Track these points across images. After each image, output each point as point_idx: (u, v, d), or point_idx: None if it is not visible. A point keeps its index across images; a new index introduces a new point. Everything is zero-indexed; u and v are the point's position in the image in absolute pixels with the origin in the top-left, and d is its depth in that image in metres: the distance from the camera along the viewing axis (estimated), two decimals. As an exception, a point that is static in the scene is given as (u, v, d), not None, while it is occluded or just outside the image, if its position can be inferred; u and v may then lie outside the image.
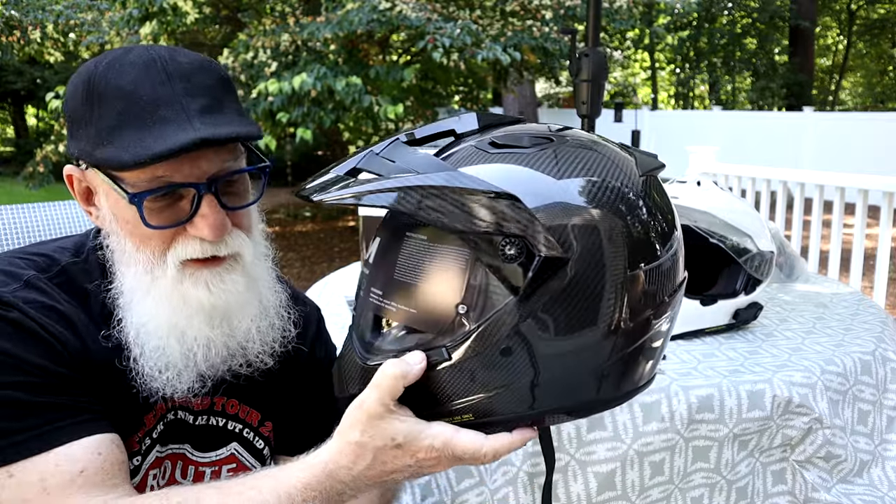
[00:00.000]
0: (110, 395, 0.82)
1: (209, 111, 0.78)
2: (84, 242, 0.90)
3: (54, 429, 0.75)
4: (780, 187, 3.93)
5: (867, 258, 3.75)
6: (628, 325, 0.69)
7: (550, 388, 0.69)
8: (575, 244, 0.65)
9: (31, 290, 0.81)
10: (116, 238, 0.83)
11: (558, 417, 0.73)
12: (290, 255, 7.20)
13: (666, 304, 0.72)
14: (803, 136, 11.51)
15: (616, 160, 0.71)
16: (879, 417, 1.45)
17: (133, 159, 0.73)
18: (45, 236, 1.53)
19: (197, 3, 7.62)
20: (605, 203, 0.67)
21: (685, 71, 20.89)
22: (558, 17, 7.31)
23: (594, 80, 2.39)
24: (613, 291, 0.67)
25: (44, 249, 0.88)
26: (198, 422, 0.92)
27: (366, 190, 0.67)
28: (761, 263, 1.55)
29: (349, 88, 5.81)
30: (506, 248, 0.65)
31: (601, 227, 0.66)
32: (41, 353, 0.77)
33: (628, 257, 0.67)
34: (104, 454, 0.76)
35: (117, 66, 0.77)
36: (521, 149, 0.70)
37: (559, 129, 0.75)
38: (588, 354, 0.69)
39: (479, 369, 0.68)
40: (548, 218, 0.65)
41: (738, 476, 1.29)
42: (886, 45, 20.21)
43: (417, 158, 0.69)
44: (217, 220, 0.79)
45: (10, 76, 15.54)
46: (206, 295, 0.82)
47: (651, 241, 0.70)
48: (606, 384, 0.71)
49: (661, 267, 0.71)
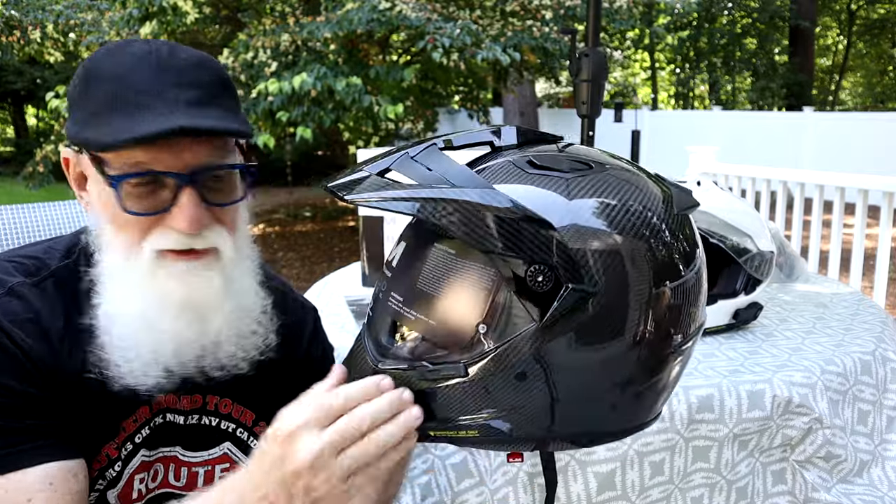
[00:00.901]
0: (84, 404, 0.81)
1: (197, 104, 0.77)
2: (76, 241, 0.89)
3: (9, 454, 0.74)
4: (780, 187, 3.93)
5: (867, 258, 3.75)
6: (647, 360, 0.69)
7: (562, 415, 0.69)
8: (604, 278, 0.64)
9: (12, 298, 0.80)
10: (100, 224, 0.83)
11: (563, 445, 0.72)
12: (290, 255, 7.20)
13: (684, 342, 0.72)
14: (803, 136, 11.51)
15: (654, 196, 0.70)
16: (879, 417, 1.45)
17: (112, 140, 0.74)
18: (44, 236, 1.53)
19: (197, 3, 7.62)
20: (639, 238, 0.66)
21: (685, 71, 20.90)
22: (558, 17, 7.32)
23: (594, 80, 2.39)
24: (635, 327, 0.66)
25: (34, 251, 0.88)
26: (188, 422, 0.92)
27: (398, 196, 0.65)
28: (761, 263, 1.55)
29: (349, 88, 5.81)
30: (536, 275, 0.64)
31: (631, 261, 0.65)
32: (8, 372, 0.76)
33: (652, 284, 0.67)
34: (55, 485, 0.75)
35: (115, 54, 0.79)
36: (560, 172, 0.68)
37: (601, 157, 0.74)
38: (603, 387, 0.68)
39: (491, 389, 0.67)
40: (579, 249, 0.64)
41: (738, 476, 1.29)
42: (886, 45, 20.21)
43: (453, 169, 0.67)
44: (194, 213, 0.78)
45: (10, 76, 15.55)
46: (178, 287, 0.80)
47: (677, 267, 0.69)
48: (618, 415, 0.71)
49: (685, 307, 0.70)
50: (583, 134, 2.45)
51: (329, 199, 11.24)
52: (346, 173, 0.70)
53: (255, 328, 0.90)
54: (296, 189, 12.19)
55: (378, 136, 8.53)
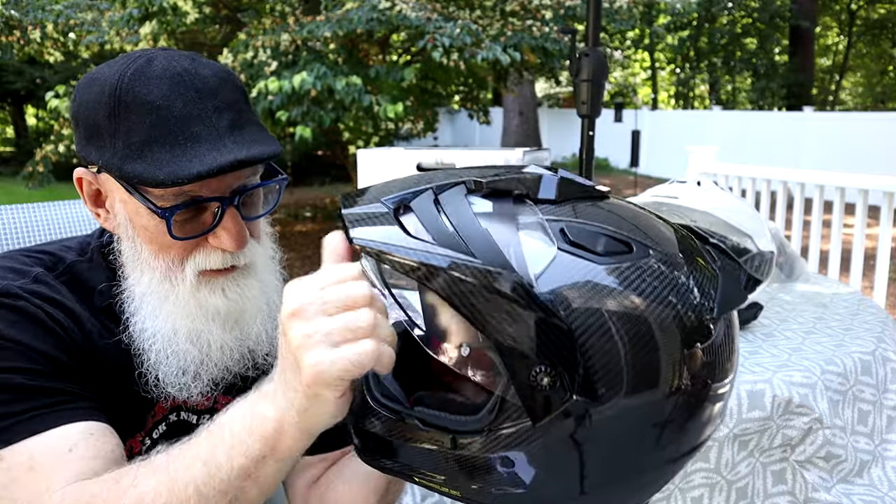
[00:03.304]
0: (110, 394, 0.83)
1: (237, 128, 0.79)
2: (88, 242, 0.91)
3: (51, 412, 0.75)
4: (780, 187, 3.93)
5: (867, 258, 3.74)
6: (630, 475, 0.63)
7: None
8: (613, 392, 0.57)
9: (39, 284, 0.82)
10: (131, 243, 0.84)
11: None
12: (290, 255, 7.20)
13: (680, 459, 0.65)
14: (803, 136, 11.51)
15: (695, 302, 0.60)
16: (879, 417, 1.45)
17: (170, 179, 0.74)
18: (45, 236, 1.53)
19: (197, 3, 7.62)
20: (665, 358, 0.58)
21: (685, 71, 20.89)
22: (558, 17, 7.32)
23: (594, 80, 2.39)
24: (632, 450, 0.60)
25: (49, 248, 0.89)
26: (201, 421, 0.93)
27: (401, 257, 0.57)
28: (761, 263, 1.55)
29: (349, 88, 5.81)
30: (539, 375, 0.56)
31: (650, 383, 0.58)
32: (45, 341, 0.78)
33: (670, 391, 0.59)
34: (96, 435, 0.77)
35: (143, 79, 0.77)
36: (592, 254, 0.59)
37: (647, 228, 0.63)
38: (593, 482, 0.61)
39: (470, 464, 0.62)
40: (595, 357, 0.56)
41: (738, 476, 1.29)
42: (887, 44, 20.21)
43: (475, 233, 0.58)
44: (239, 231, 0.81)
45: (9, 76, 15.54)
46: (222, 301, 0.84)
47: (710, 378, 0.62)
48: None
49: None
50: (583, 134, 2.45)
51: (329, 199, 11.24)
52: (362, 200, 0.63)
53: None
54: (296, 189, 12.19)
55: (378, 135, 8.52)
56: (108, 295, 0.86)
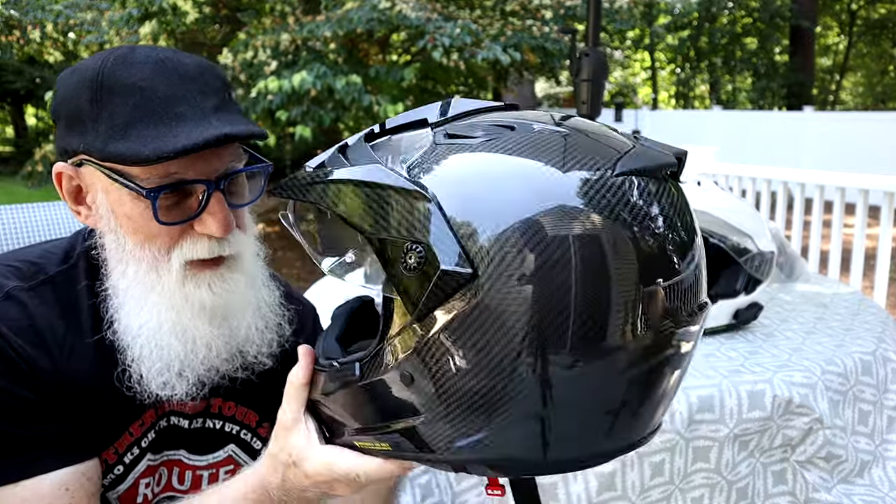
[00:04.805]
0: (90, 409, 0.81)
1: (223, 110, 0.79)
2: (74, 246, 0.89)
3: (23, 461, 0.75)
4: (780, 187, 3.93)
5: (867, 258, 3.74)
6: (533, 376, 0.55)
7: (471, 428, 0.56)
8: (488, 261, 0.51)
9: (10, 304, 0.80)
10: (114, 237, 0.82)
11: (480, 469, 0.59)
12: (290, 255, 7.19)
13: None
14: (803, 136, 11.51)
15: (580, 161, 0.54)
16: (880, 418, 1.45)
17: (155, 154, 0.73)
18: (45, 236, 1.52)
19: (197, 3, 7.62)
20: (551, 217, 0.51)
21: (685, 71, 20.89)
22: (558, 17, 7.32)
23: (594, 80, 2.39)
24: (524, 331, 0.52)
25: (30, 255, 0.87)
26: (193, 425, 0.92)
27: (291, 186, 0.62)
28: (761, 263, 1.55)
29: (349, 87, 5.81)
30: (407, 255, 0.54)
31: (533, 241, 0.51)
32: (12, 379, 0.77)
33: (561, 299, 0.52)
34: (71, 490, 0.76)
35: (126, 64, 0.77)
36: (470, 139, 0.56)
37: (545, 118, 0.60)
38: (493, 395, 0.54)
39: (385, 394, 0.59)
40: (464, 225, 0.52)
41: (738, 476, 1.29)
42: (887, 44, 20.21)
43: (356, 152, 0.61)
44: (225, 216, 0.80)
45: (9, 76, 15.53)
46: (208, 296, 0.82)
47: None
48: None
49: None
50: (583, 134, 2.45)
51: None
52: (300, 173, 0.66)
53: (271, 320, 0.91)
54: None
55: (378, 135, 8.52)
56: (92, 299, 0.84)
